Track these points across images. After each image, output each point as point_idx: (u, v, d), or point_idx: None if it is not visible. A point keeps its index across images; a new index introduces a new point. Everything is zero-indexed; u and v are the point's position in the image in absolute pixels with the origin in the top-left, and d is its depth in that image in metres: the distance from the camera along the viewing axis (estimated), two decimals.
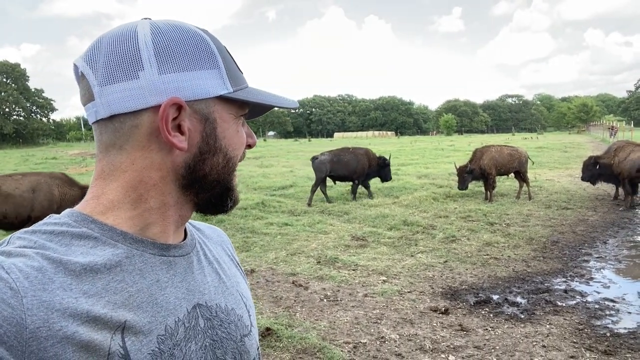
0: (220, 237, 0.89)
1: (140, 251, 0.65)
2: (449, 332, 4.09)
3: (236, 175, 0.73)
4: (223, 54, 0.69)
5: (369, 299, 4.87)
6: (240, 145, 0.72)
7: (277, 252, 6.56)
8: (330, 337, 3.98)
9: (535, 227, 7.95)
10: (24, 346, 0.51)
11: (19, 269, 0.55)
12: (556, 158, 20.21)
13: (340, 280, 5.42)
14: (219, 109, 0.68)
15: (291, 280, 5.44)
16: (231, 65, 0.69)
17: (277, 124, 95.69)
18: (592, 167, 10.03)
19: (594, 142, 32.23)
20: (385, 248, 6.80)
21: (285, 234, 7.65)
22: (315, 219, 8.66)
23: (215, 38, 0.70)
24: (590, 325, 4.21)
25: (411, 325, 4.23)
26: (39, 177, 6.75)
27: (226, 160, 0.70)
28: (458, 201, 10.40)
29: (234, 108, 0.69)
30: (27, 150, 39.96)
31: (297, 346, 3.74)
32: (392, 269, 5.86)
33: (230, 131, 0.69)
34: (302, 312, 4.55)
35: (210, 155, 0.68)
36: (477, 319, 4.40)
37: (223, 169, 0.70)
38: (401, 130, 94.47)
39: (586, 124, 71.29)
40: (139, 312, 0.61)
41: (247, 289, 0.85)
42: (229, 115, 0.69)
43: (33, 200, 6.39)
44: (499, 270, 5.80)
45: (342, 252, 6.59)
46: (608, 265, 6.01)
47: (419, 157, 21.95)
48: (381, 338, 3.97)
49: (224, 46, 0.71)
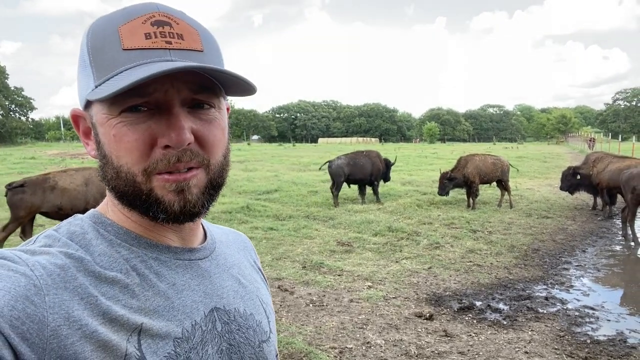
0: (244, 242, 0.88)
1: (155, 254, 0.65)
2: (434, 338, 4.13)
3: (164, 178, 0.61)
4: (94, 42, 0.61)
5: (354, 304, 4.88)
6: (127, 151, 0.60)
7: (262, 257, 6.53)
8: (317, 342, 3.98)
9: (516, 235, 8.09)
10: (45, 343, 0.51)
11: (43, 266, 0.55)
12: (536, 168, 20.60)
13: (326, 285, 5.43)
14: (96, 111, 0.62)
15: (277, 285, 5.43)
16: (106, 52, 0.60)
17: (262, 127, 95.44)
18: (571, 177, 10.27)
19: (573, 153, 32.97)
20: (370, 254, 6.84)
21: (271, 238, 7.63)
22: (301, 223, 8.66)
23: (106, 21, 0.62)
24: (570, 332, 4.30)
25: (396, 331, 4.26)
26: (90, 171, 7.22)
27: (114, 171, 0.62)
28: (442, 208, 10.52)
29: (105, 106, 0.61)
30: (5, 150, 39.01)
31: (283, 351, 3.73)
32: (377, 274, 5.89)
33: (107, 136, 0.61)
34: (287, 317, 4.54)
35: (104, 164, 0.63)
36: (461, 324, 4.45)
37: (116, 180, 0.62)
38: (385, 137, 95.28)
39: (565, 135, 72.96)
40: (154, 315, 0.61)
41: (267, 295, 0.83)
42: (103, 117, 0.61)
43: (86, 193, 6.88)
44: (481, 277, 5.88)
45: (327, 257, 6.60)
46: (587, 274, 6.15)
47: (403, 164, 22.13)
48: (367, 343, 3.99)
49: (111, 27, 0.60)
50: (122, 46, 0.59)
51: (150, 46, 0.59)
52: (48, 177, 6.78)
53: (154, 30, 0.60)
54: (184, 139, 0.59)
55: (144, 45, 0.59)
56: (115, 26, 0.60)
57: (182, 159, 0.61)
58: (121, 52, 0.59)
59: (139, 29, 0.59)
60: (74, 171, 7.13)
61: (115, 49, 0.59)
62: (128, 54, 0.58)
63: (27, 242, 0.62)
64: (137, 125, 0.60)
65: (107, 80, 0.58)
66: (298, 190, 12.66)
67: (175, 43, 0.60)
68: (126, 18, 0.60)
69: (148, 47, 0.59)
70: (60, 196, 6.68)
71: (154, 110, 0.60)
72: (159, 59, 0.58)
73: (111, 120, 0.60)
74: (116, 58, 0.59)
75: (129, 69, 0.58)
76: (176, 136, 0.59)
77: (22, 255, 0.56)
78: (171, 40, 0.60)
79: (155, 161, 0.60)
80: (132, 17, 0.60)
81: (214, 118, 0.64)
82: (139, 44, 0.59)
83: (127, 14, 0.61)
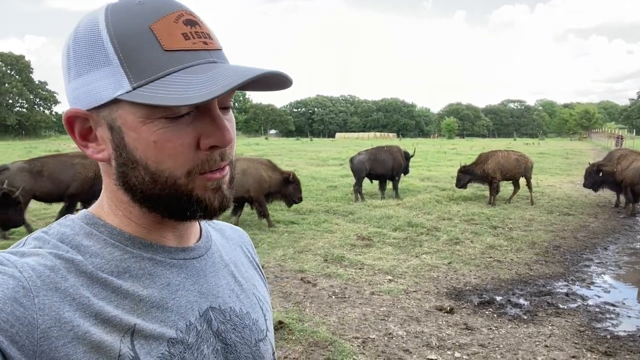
0: (242, 238, 0.86)
1: (149, 255, 0.64)
2: (454, 331, 4.23)
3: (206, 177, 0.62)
4: (123, 40, 0.57)
5: (375, 297, 5.00)
6: (171, 156, 0.59)
7: (284, 250, 6.69)
8: (340, 332, 4.12)
9: (537, 231, 8.08)
10: (35, 346, 0.51)
11: (32, 267, 0.55)
12: (558, 164, 20.34)
13: (347, 278, 5.55)
14: (123, 114, 0.59)
15: (299, 276, 5.58)
16: (143, 52, 0.57)
17: (279, 122, 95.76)
18: (595, 174, 10.17)
19: (596, 150, 32.35)
20: (390, 248, 6.94)
21: (292, 232, 7.79)
22: (321, 218, 8.79)
23: (129, 16, 0.58)
24: (591, 327, 4.35)
25: (417, 323, 4.37)
26: (248, 162, 7.97)
27: (151, 176, 0.60)
28: (461, 204, 10.53)
29: (142, 110, 0.58)
30: (30, 142, 40.06)
31: (308, 339, 3.87)
32: (398, 268, 6.00)
33: (142, 141, 0.59)
34: (311, 308, 4.68)
35: (129, 168, 0.61)
36: (481, 318, 4.53)
37: (152, 184, 0.61)
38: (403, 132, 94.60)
39: (588, 131, 71.43)
40: (148, 316, 0.60)
41: (265, 292, 0.82)
42: (137, 121, 0.58)
43: (244, 181, 7.54)
44: (502, 272, 5.93)
45: (348, 251, 6.73)
46: (609, 271, 6.14)
47: (422, 159, 22.06)
48: (389, 334, 4.11)
49: (145, 26, 0.57)
50: (162, 46, 0.57)
51: (191, 47, 0.58)
52: None
53: (189, 30, 0.58)
54: (230, 138, 0.61)
55: (186, 46, 0.57)
56: (145, 24, 0.57)
57: (225, 158, 0.62)
58: (163, 53, 0.57)
59: (175, 29, 0.58)
60: None
61: (154, 49, 0.57)
62: (171, 56, 0.57)
63: (17, 245, 0.61)
64: (182, 130, 0.58)
65: (150, 82, 0.56)
66: (317, 185, 12.79)
67: (210, 43, 0.60)
68: (155, 15, 0.58)
69: (190, 49, 0.58)
70: None
71: (194, 113, 0.59)
72: (204, 61, 0.58)
73: (149, 124, 0.58)
74: (158, 59, 0.56)
75: (177, 71, 0.56)
76: (223, 137, 0.60)
77: (11, 257, 0.55)
78: (206, 40, 0.60)
79: (201, 162, 0.60)
80: (160, 14, 0.58)
81: (232, 118, 0.65)
82: (180, 45, 0.57)
83: (153, 11, 0.58)
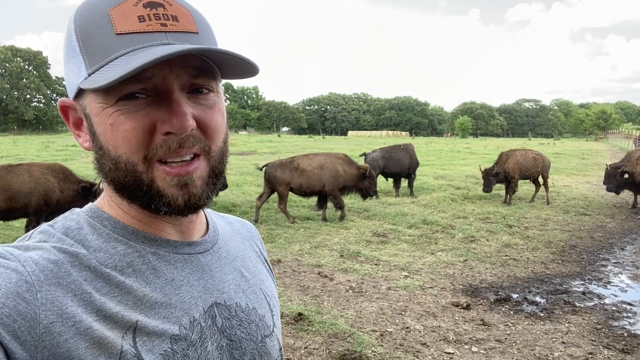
0: (250, 232, 0.84)
1: (153, 249, 0.63)
2: (471, 326, 4.28)
3: (164, 170, 0.59)
4: (84, 28, 0.57)
5: (392, 292, 5.07)
6: (124, 140, 0.58)
7: (301, 245, 6.79)
8: (358, 325, 4.20)
9: (553, 231, 8.07)
10: (37, 341, 0.50)
11: (35, 262, 0.54)
12: (574, 165, 20.13)
13: (364, 274, 5.63)
14: (89, 101, 0.59)
15: (317, 271, 5.67)
16: (97, 38, 0.57)
17: (292, 119, 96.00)
18: (619, 176, 9.93)
19: (612, 150, 31.92)
20: (405, 245, 7.00)
21: (308, 227, 7.88)
22: (336, 214, 8.88)
23: (94, 7, 0.58)
24: (608, 325, 4.37)
25: (434, 318, 4.43)
26: (325, 157, 8.54)
27: (112, 162, 0.60)
28: (476, 203, 10.53)
29: (99, 95, 0.58)
30: (48, 137, 40.72)
31: (328, 331, 3.96)
32: (413, 265, 6.06)
33: (103, 126, 0.59)
34: (329, 301, 4.77)
35: (99, 155, 0.61)
36: (498, 315, 4.57)
37: (115, 172, 0.60)
38: (415, 131, 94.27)
39: (604, 132, 70.39)
40: (151, 312, 0.59)
41: (272, 288, 0.80)
42: (97, 106, 0.58)
43: (321, 175, 8.24)
44: (518, 270, 5.96)
45: (364, 247, 6.80)
46: (626, 271, 6.13)
47: (435, 158, 22.01)
48: (406, 328, 4.18)
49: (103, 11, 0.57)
50: (114, 30, 0.56)
51: (145, 29, 0.56)
52: (294, 159, 8.39)
53: (147, 12, 0.57)
54: (187, 125, 0.57)
55: (139, 28, 0.56)
56: (105, 9, 0.56)
57: (184, 145, 0.58)
58: (114, 37, 0.56)
59: (132, 12, 0.56)
60: (313, 155, 8.59)
61: (107, 33, 0.56)
62: (122, 39, 0.56)
63: (22, 238, 0.61)
64: (135, 112, 0.57)
65: (101, 67, 0.55)
66: None
67: (171, 25, 0.57)
68: (116, 0, 0.57)
69: (143, 31, 0.56)
70: (301, 176, 8.16)
71: (153, 97, 0.57)
72: (156, 43, 0.56)
73: (107, 109, 0.57)
74: (109, 43, 0.56)
75: (124, 54, 0.55)
76: (178, 122, 0.56)
77: (14, 252, 0.55)
78: (166, 22, 0.57)
79: (155, 147, 0.58)
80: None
81: (214, 103, 0.62)
82: (133, 28, 0.56)
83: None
